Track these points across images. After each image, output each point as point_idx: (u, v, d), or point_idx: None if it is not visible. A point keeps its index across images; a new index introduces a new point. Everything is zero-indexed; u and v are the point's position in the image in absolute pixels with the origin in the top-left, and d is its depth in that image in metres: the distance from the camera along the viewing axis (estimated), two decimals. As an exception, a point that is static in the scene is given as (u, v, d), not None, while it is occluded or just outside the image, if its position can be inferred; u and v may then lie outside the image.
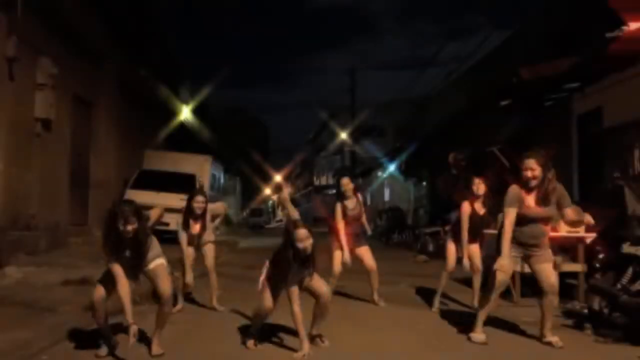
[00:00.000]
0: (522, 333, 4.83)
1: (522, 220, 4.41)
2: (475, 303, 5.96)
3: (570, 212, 4.54)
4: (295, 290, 4.12)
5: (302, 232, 4.07)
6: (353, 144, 30.39)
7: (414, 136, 19.24)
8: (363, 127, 29.75)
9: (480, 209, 5.80)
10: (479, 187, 5.72)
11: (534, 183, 4.35)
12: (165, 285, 4.10)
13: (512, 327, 5.01)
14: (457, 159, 13.31)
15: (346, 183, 6.11)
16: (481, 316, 4.61)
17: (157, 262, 4.15)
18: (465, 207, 5.75)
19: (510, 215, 4.38)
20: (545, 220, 4.51)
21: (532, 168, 4.33)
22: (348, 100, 30.06)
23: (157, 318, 4.14)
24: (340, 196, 6.16)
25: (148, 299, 5.31)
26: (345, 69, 36.55)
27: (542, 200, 4.40)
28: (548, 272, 4.52)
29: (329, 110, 35.93)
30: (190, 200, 5.79)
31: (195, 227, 5.81)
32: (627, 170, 7.85)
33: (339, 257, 6.09)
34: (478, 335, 4.56)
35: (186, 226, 5.78)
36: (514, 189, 4.45)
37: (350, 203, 6.14)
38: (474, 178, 5.79)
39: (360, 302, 6.41)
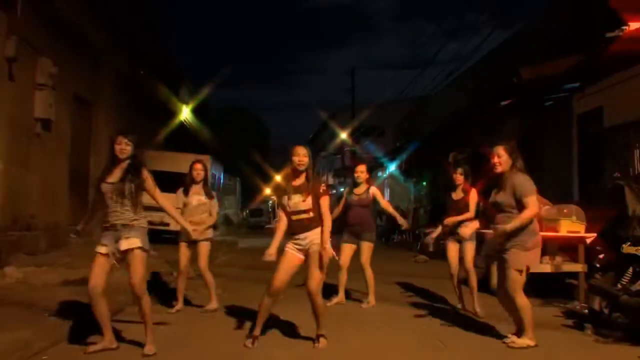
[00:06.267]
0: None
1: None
2: (477, 306, 5.94)
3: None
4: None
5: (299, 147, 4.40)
6: (353, 144, 30.34)
7: (414, 136, 19.22)
8: (363, 127, 29.68)
9: (457, 196, 6.15)
10: (458, 178, 6.15)
11: (499, 169, 4.53)
12: (137, 276, 3.95)
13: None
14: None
15: (361, 170, 6.45)
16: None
17: (134, 245, 3.96)
18: None
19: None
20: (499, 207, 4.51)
21: (499, 155, 4.52)
22: (348, 100, 30.01)
23: (141, 316, 4.09)
24: (353, 182, 6.52)
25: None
26: (345, 69, 36.52)
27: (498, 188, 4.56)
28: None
29: (329, 110, 35.89)
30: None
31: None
32: (627, 170, 7.85)
33: (349, 250, 6.29)
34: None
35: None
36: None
37: (359, 189, 6.42)
38: (457, 169, 6.22)
39: (361, 303, 6.40)
